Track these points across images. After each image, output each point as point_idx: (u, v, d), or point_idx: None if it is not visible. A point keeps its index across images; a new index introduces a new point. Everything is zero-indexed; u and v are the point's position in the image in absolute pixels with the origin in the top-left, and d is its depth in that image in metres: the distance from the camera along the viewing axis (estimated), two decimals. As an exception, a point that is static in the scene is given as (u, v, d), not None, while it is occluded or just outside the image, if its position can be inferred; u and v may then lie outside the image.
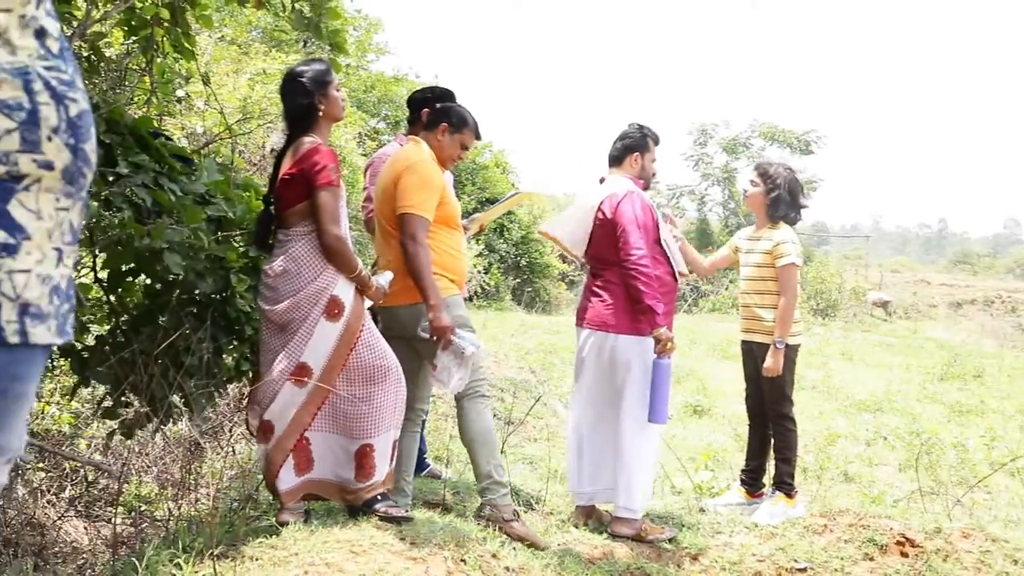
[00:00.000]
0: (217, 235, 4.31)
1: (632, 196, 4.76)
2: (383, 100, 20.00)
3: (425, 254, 4.16)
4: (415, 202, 4.21)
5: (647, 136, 5.00)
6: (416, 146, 4.48)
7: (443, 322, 4.12)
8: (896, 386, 11.88)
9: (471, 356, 4.21)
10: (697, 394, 10.17)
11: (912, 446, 8.00)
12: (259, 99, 9.68)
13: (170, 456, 5.03)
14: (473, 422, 4.43)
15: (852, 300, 24.18)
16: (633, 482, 4.74)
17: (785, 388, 5.29)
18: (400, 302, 4.34)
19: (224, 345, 4.49)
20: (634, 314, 4.67)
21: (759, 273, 5.33)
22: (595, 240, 4.88)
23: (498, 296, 19.98)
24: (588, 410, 4.90)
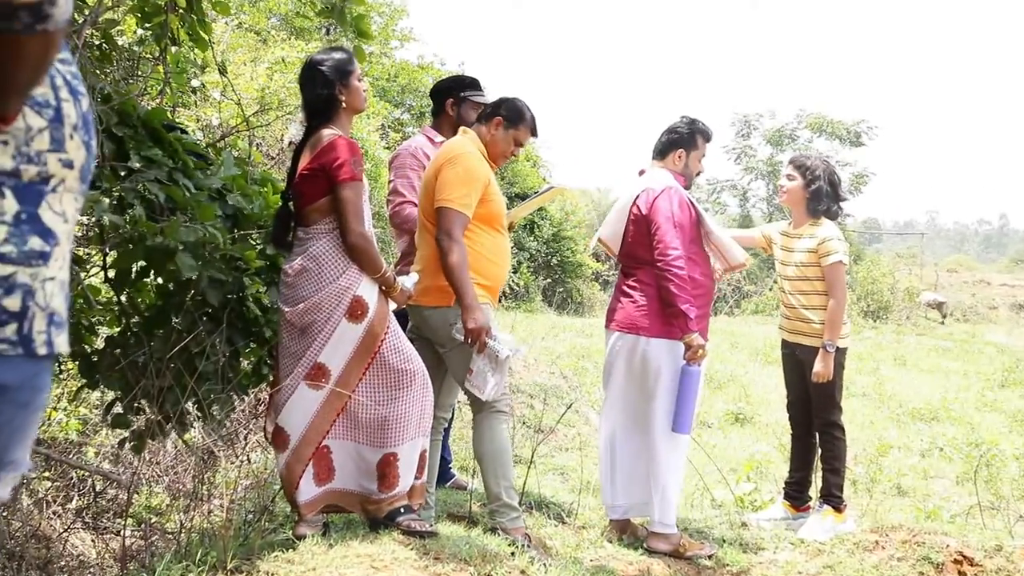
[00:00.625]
0: (234, 232, 4.33)
1: (670, 191, 4.73)
2: (407, 89, 20.05)
3: (460, 251, 4.15)
4: (454, 196, 4.21)
5: (696, 133, 4.96)
6: (464, 137, 4.49)
7: (477, 323, 4.11)
8: (953, 393, 11.76)
9: (507, 360, 4.21)
10: (739, 401, 10.12)
11: (970, 458, 7.91)
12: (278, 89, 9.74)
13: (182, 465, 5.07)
14: (487, 439, 4.42)
15: (905, 301, 23.98)
16: (668, 495, 4.73)
17: (834, 394, 5.26)
18: (431, 303, 4.34)
19: (241, 348, 4.51)
20: (667, 316, 4.65)
21: (803, 273, 5.29)
22: (628, 237, 4.86)
23: (528, 297, 19.97)
24: (620, 418, 4.89)
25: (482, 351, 4.17)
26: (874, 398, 11.18)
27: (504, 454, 4.44)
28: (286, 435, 3.95)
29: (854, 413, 9.99)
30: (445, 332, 4.32)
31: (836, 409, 5.28)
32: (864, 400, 11.08)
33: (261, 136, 9.21)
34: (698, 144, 4.97)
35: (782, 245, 5.47)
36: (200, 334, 4.18)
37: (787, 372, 5.52)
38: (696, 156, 4.96)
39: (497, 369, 4.20)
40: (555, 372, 10.49)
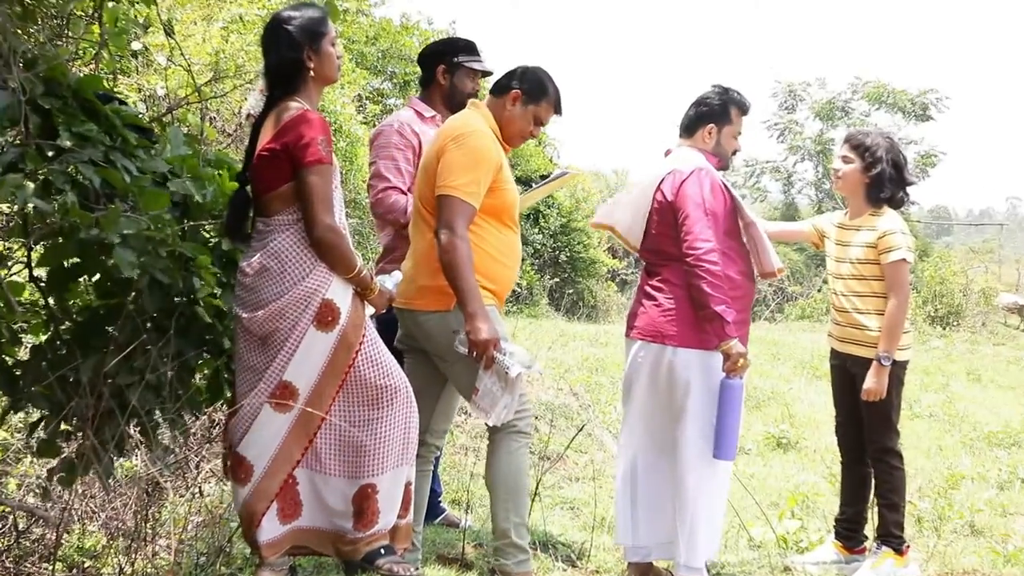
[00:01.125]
0: (183, 224, 4.33)
1: (700, 174, 4.71)
2: (389, 54, 20.04)
3: (465, 248, 4.14)
4: (459, 183, 4.21)
5: (729, 104, 4.95)
6: (474, 112, 4.48)
7: (484, 335, 4.11)
8: (1037, 414, 11.77)
9: (519, 379, 4.19)
10: (781, 423, 10.12)
11: (1057, 490, 7.92)
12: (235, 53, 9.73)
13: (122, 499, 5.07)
14: (502, 463, 4.42)
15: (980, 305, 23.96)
16: (698, 532, 4.72)
17: (891, 415, 5.26)
18: (427, 307, 4.35)
19: (192, 360, 4.52)
20: (697, 322, 4.64)
21: (860, 271, 5.28)
22: (652, 228, 4.85)
23: (532, 299, 19.98)
24: (642, 443, 4.89)
25: (489, 367, 4.17)
26: (943, 419, 11.18)
27: (521, 484, 4.44)
28: (248, 466, 3.94)
29: (919, 437, 10.00)
30: (445, 341, 4.31)
31: (892, 433, 5.28)
32: (931, 422, 11.08)
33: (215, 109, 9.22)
34: (732, 118, 4.96)
35: (837, 239, 5.47)
36: (143, 344, 4.19)
37: (836, 388, 5.53)
38: (730, 132, 4.95)
39: (507, 389, 4.18)
40: (564, 389, 10.50)
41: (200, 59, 9.09)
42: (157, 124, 4.96)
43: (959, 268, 24.88)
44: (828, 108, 32.19)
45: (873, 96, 31.46)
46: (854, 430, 5.43)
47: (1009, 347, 19.99)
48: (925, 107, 31.15)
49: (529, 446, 4.53)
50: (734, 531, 6.06)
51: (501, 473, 4.40)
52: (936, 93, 31.42)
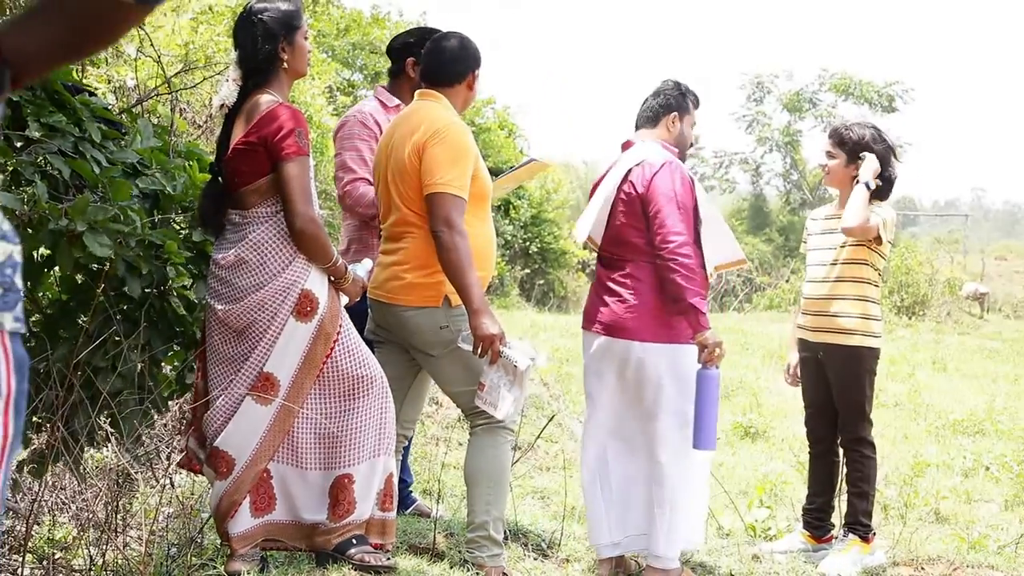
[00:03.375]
0: (153, 215, 4.31)
1: (671, 166, 4.70)
2: (359, 47, 19.99)
3: (466, 245, 4.13)
4: (448, 178, 4.19)
5: (687, 95, 4.97)
6: (434, 105, 4.45)
7: (490, 330, 4.10)
8: (1002, 403, 11.84)
9: (527, 372, 4.19)
10: (749, 412, 10.17)
11: (1022, 478, 7.99)
12: (205, 44, 9.68)
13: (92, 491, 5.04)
14: (483, 457, 4.41)
15: (946, 295, 24.09)
16: (678, 524, 4.71)
17: (864, 404, 5.28)
18: (415, 303, 4.32)
19: (162, 352, 4.50)
20: (665, 317, 4.62)
21: (840, 256, 5.30)
22: (616, 219, 4.83)
23: (502, 290, 19.99)
24: (611, 441, 4.87)
25: (495, 362, 4.17)
26: (909, 408, 11.26)
27: (502, 479, 4.44)
28: (230, 459, 3.93)
29: (885, 426, 10.06)
30: (432, 337, 4.31)
31: (866, 422, 5.31)
32: (897, 411, 11.16)
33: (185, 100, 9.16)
34: (690, 109, 4.98)
35: (824, 229, 5.48)
36: (114, 335, 4.17)
37: (806, 378, 5.54)
38: (690, 122, 4.97)
39: (515, 382, 4.18)
40: (534, 379, 10.51)
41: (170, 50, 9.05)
42: (127, 115, 4.93)
43: (925, 258, 25.00)
44: (795, 100, 32.33)
45: (840, 88, 31.63)
46: (823, 420, 5.45)
47: (973, 336, 20.13)
48: (891, 99, 31.35)
49: (512, 441, 4.53)
50: (703, 519, 6.09)
51: (485, 467, 4.39)
52: (902, 85, 31.65)
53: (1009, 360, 16.28)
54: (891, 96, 31.33)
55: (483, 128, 21.57)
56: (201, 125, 9.32)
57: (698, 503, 4.88)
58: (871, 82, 31.54)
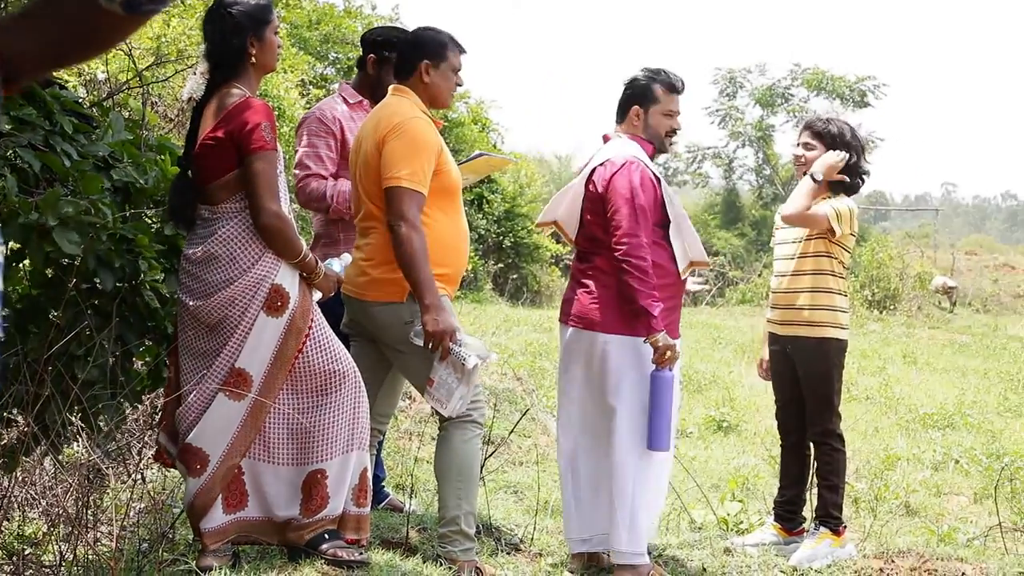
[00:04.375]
0: (125, 209, 4.29)
1: (631, 167, 4.69)
2: (331, 40, 19.92)
3: (420, 239, 4.13)
4: (404, 172, 4.19)
5: (652, 83, 4.88)
6: (400, 99, 4.45)
7: (440, 326, 4.10)
8: (971, 396, 11.94)
9: (476, 370, 4.19)
10: (722, 406, 10.21)
11: (990, 471, 8.04)
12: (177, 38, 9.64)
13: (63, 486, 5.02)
14: (453, 452, 4.42)
15: (916, 289, 24.26)
16: (638, 520, 4.73)
17: (832, 397, 5.31)
18: (381, 298, 4.34)
19: (134, 347, 4.48)
20: (629, 310, 4.65)
21: (805, 248, 5.33)
22: (585, 215, 4.85)
23: (476, 284, 19.99)
24: (580, 432, 4.89)
25: (445, 358, 4.17)
26: (880, 402, 11.33)
27: (471, 473, 4.44)
28: (204, 456, 3.91)
29: (856, 419, 10.12)
30: (398, 332, 4.31)
31: (835, 415, 5.34)
32: (868, 404, 11.22)
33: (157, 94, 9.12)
34: (658, 96, 4.87)
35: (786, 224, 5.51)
36: (85, 330, 4.15)
37: (776, 373, 5.57)
38: (658, 112, 4.88)
39: (464, 380, 4.18)
40: (508, 374, 10.52)
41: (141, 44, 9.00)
42: (98, 109, 4.90)
43: (896, 252, 25.16)
44: (768, 95, 32.44)
45: (812, 83, 31.75)
46: (794, 414, 5.47)
47: (944, 330, 20.28)
48: (863, 94, 31.49)
49: (480, 436, 4.54)
50: (675, 513, 6.11)
51: (455, 461, 4.40)
52: (874, 80, 31.78)
53: (978, 354, 16.41)
54: (863, 91, 31.47)
55: (456, 123, 21.55)
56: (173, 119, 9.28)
57: (657, 500, 4.89)
58: (843, 77, 31.68)
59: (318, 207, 5.07)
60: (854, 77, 31.73)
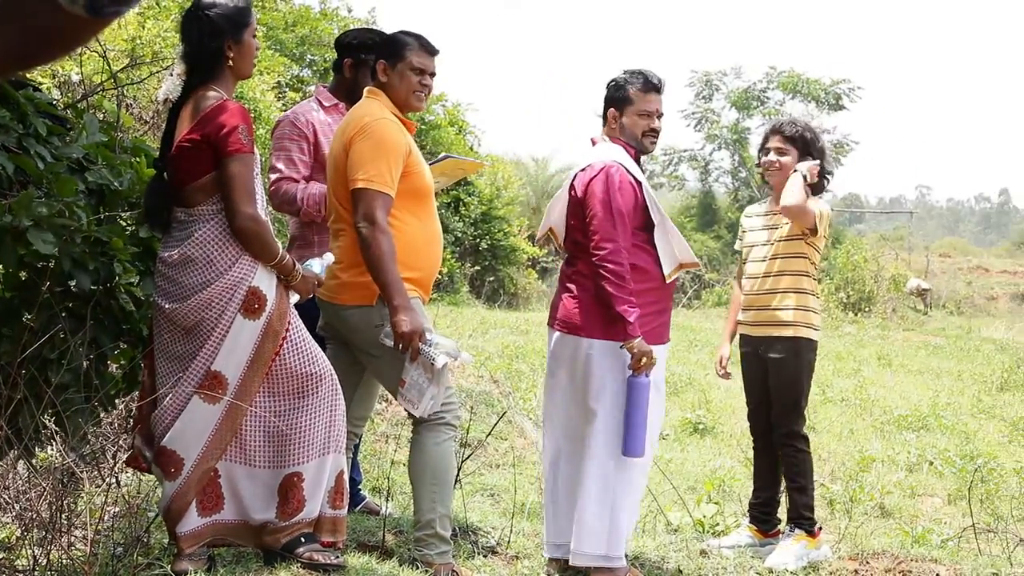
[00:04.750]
0: (99, 212, 4.27)
1: (609, 171, 4.69)
2: (308, 41, 19.87)
3: (387, 241, 4.13)
4: (370, 174, 4.19)
5: (627, 84, 4.88)
6: (370, 101, 4.45)
7: (408, 327, 4.09)
8: (945, 398, 12.01)
9: (445, 370, 4.19)
10: (698, 408, 10.23)
11: (964, 472, 8.09)
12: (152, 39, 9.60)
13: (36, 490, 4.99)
14: (426, 455, 4.41)
15: (891, 291, 24.37)
16: (618, 524, 4.73)
17: (800, 399, 5.34)
18: (352, 301, 4.33)
19: (109, 350, 4.46)
20: (609, 314, 4.65)
21: (784, 250, 5.36)
22: (570, 220, 4.86)
23: (453, 287, 19.97)
24: (562, 436, 4.88)
25: (415, 359, 4.16)
26: (855, 404, 11.37)
27: (445, 476, 4.44)
28: (178, 459, 3.89)
29: (832, 422, 10.17)
30: (370, 335, 4.30)
31: (799, 417, 5.37)
32: (843, 406, 11.27)
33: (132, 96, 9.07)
34: (631, 97, 4.86)
35: (764, 225, 5.53)
36: (59, 333, 4.13)
37: (748, 375, 5.59)
38: (633, 112, 4.86)
39: (434, 380, 4.18)
40: (484, 376, 10.51)
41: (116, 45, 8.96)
42: (72, 111, 4.88)
43: (870, 255, 25.27)
44: (744, 97, 32.54)
45: (788, 85, 31.86)
46: (766, 415, 5.50)
47: (918, 332, 20.39)
48: (838, 97, 31.62)
49: (456, 438, 4.53)
50: (652, 515, 6.12)
51: (429, 464, 4.39)
52: (849, 83, 31.91)
53: (952, 356, 16.50)
54: (838, 95, 31.60)
55: (432, 125, 21.53)
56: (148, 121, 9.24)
57: (633, 505, 4.88)
58: (819, 80, 31.80)
59: (290, 210, 5.08)
60: (829, 80, 31.87)
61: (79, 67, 7.85)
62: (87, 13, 1.28)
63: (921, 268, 30.12)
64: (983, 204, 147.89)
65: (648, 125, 4.86)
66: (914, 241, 35.99)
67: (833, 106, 31.62)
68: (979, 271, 35.50)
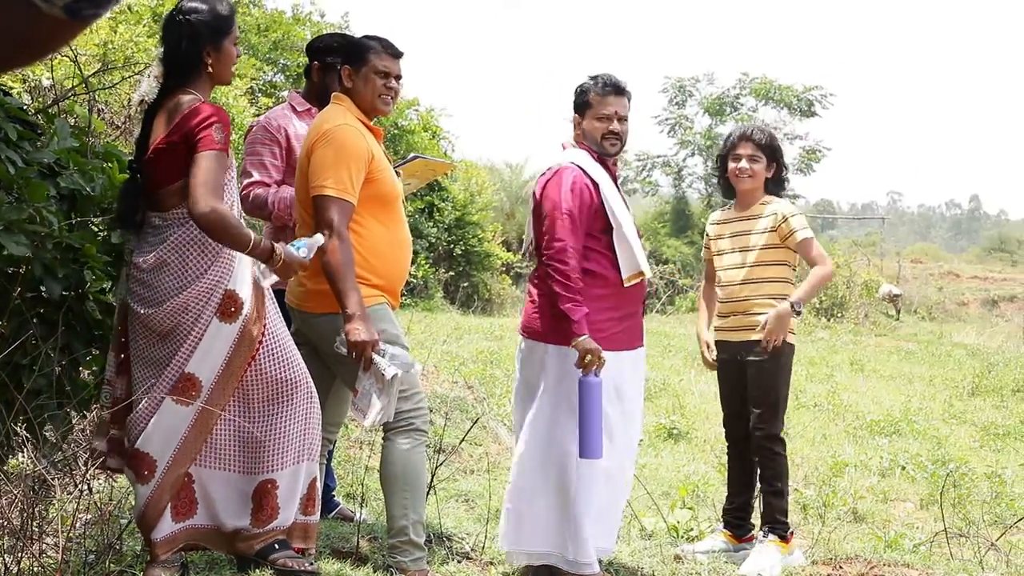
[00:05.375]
0: (70, 217, 4.25)
1: (563, 173, 4.73)
2: (281, 46, 19.82)
3: (344, 249, 4.12)
4: (329, 180, 4.18)
5: (586, 90, 4.91)
6: (334, 107, 4.45)
7: (362, 336, 4.08)
8: (917, 403, 12.07)
9: (395, 380, 4.17)
10: (672, 414, 10.24)
11: (936, 477, 8.13)
12: (124, 44, 9.55)
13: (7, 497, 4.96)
14: (397, 461, 4.39)
15: (863, 297, 24.50)
16: (582, 529, 4.70)
17: (779, 403, 5.36)
18: (319, 309, 4.32)
19: (81, 356, 4.43)
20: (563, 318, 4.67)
21: (762, 257, 5.39)
22: (535, 226, 4.89)
23: (427, 293, 19.96)
24: (526, 441, 4.86)
25: (368, 368, 4.15)
26: (828, 409, 11.42)
27: (417, 481, 4.42)
28: (151, 461, 3.87)
29: (805, 427, 10.21)
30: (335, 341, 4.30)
31: (779, 421, 5.39)
32: (816, 412, 11.31)
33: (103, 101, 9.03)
34: (590, 101, 4.88)
35: (733, 231, 5.55)
36: (30, 339, 4.11)
37: (724, 381, 5.60)
38: (592, 116, 4.87)
39: (384, 390, 4.16)
40: (458, 382, 10.51)
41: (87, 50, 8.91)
42: (43, 116, 4.85)
43: (843, 261, 25.40)
44: (717, 103, 32.66)
45: (760, 92, 32.00)
46: (742, 421, 5.51)
47: (890, 338, 20.51)
48: (810, 103, 31.79)
49: (426, 443, 4.52)
50: (626, 521, 6.12)
51: (400, 470, 4.38)
52: (821, 90, 32.09)
53: (924, 361, 16.60)
54: (810, 101, 31.78)
55: (406, 130, 21.52)
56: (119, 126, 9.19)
57: (608, 508, 4.86)
58: (791, 87, 31.96)
59: (261, 215, 5.08)
60: (801, 87, 32.04)
61: (50, 72, 7.82)
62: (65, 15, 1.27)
63: (893, 274, 30.28)
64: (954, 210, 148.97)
65: (607, 128, 4.86)
66: (886, 247, 36.18)
67: (805, 112, 31.80)
68: (950, 276, 35.74)
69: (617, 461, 4.80)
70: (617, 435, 4.74)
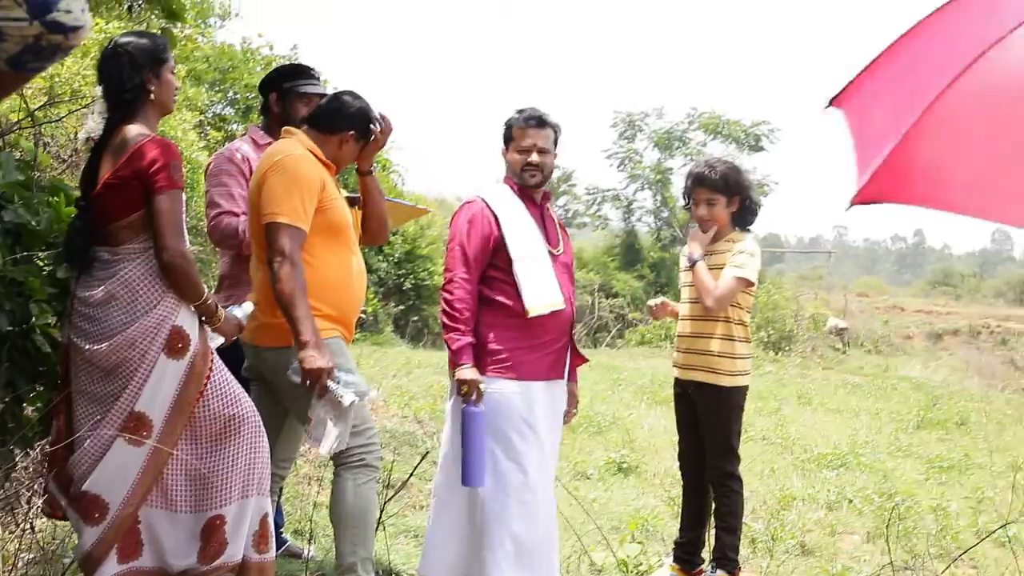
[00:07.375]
0: (15, 251, 4.21)
1: (466, 206, 4.89)
2: (230, 77, 19.77)
3: (297, 275, 4.10)
4: (282, 208, 4.16)
5: (510, 124, 5.01)
6: (289, 140, 4.45)
7: (316, 363, 4.06)
8: (863, 436, 12.18)
9: (351, 408, 4.15)
10: (622, 447, 10.24)
11: (883, 510, 8.19)
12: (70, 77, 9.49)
13: (-51, 536, 4.89)
14: (347, 498, 4.36)
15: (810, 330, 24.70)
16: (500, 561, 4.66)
17: (732, 440, 5.38)
18: (270, 343, 4.30)
19: (24, 392, 4.39)
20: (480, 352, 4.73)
21: None
22: None
23: (377, 327, 19.89)
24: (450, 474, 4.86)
25: (323, 395, 4.13)
26: (776, 442, 11.48)
27: (367, 518, 4.39)
28: (103, 503, 3.81)
29: (753, 460, 10.24)
30: (288, 377, 4.28)
31: (733, 457, 5.40)
32: (764, 445, 11.36)
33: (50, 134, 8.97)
34: (511, 135, 4.99)
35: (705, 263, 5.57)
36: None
37: (680, 415, 5.63)
38: (513, 149, 4.97)
39: (340, 418, 4.14)
40: (408, 416, 10.46)
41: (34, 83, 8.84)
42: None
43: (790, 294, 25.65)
44: (666, 138, 32.88)
45: (709, 126, 32.27)
46: (696, 457, 5.53)
47: (837, 371, 20.67)
48: (758, 138, 32.08)
49: (378, 479, 4.50)
50: (576, 555, 6.12)
51: (348, 506, 4.35)
52: (768, 125, 32.40)
53: (870, 394, 16.75)
54: (757, 136, 32.07)
55: (355, 163, 21.46)
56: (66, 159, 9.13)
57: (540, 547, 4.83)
58: (739, 122, 32.26)
59: (231, 244, 5.00)
60: (749, 122, 32.35)
61: (-5, 105, 7.75)
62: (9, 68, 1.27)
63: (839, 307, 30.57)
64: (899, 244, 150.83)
65: (525, 159, 4.93)
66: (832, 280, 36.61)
67: (753, 147, 32.08)
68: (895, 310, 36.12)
69: (533, 495, 4.78)
70: (531, 468, 4.73)
